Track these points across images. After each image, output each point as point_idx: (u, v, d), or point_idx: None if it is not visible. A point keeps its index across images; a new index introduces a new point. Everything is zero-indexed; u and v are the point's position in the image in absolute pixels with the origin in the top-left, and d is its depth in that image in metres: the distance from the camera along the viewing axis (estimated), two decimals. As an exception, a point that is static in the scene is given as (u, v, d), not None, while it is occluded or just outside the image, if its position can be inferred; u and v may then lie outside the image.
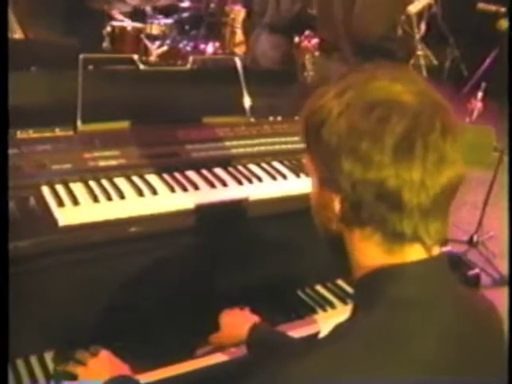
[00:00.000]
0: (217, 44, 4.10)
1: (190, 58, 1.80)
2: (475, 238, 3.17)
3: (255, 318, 1.39)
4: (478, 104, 3.06)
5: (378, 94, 0.77)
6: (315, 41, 3.75)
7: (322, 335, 1.49)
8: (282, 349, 1.26)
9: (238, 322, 1.38)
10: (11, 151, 1.40)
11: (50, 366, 1.31)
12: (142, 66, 1.71)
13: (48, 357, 1.34)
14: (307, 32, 3.65)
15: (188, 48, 3.97)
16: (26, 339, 1.29)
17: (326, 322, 1.59)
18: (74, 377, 1.22)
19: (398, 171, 0.74)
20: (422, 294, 0.79)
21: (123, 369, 1.21)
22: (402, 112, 0.75)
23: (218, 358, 1.40)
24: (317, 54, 3.81)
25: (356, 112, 0.76)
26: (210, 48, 4.03)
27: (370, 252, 0.81)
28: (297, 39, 3.71)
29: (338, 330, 0.80)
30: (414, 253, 0.80)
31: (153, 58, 3.38)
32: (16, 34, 2.98)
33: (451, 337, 0.79)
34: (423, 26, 2.84)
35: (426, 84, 0.81)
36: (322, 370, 0.73)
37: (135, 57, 1.71)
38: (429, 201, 0.76)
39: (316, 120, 0.80)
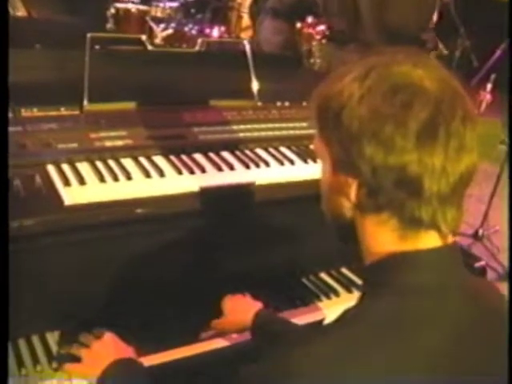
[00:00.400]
0: (222, 28, 4.07)
1: (199, 40, 1.80)
2: (480, 232, 3.17)
3: (258, 305, 1.40)
4: (486, 96, 3.05)
5: (400, 78, 0.78)
6: (320, 28, 3.72)
7: (326, 322, 1.51)
8: (287, 336, 1.26)
9: (241, 309, 1.39)
10: (15, 129, 1.40)
11: (52, 346, 1.32)
12: (150, 47, 1.71)
13: (50, 337, 1.35)
14: (310, 19, 3.63)
15: (193, 32, 3.94)
16: (28, 319, 1.30)
17: (330, 309, 1.60)
18: (77, 359, 1.22)
19: (421, 157, 0.75)
20: (436, 281, 0.80)
21: (128, 351, 1.21)
22: (424, 98, 0.76)
23: (220, 342, 1.41)
24: (324, 41, 3.78)
25: (378, 96, 0.76)
26: (215, 32, 4.00)
27: (383, 238, 0.81)
28: (299, 25, 3.69)
29: (347, 315, 0.80)
30: (429, 240, 0.81)
31: (158, 41, 3.36)
32: (19, 11, 2.96)
33: (462, 326, 0.79)
34: (435, 15, 2.83)
35: (446, 71, 0.82)
36: (330, 356, 0.73)
37: (143, 37, 1.70)
38: (448, 188, 0.76)
39: (335, 103, 0.80)
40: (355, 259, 1.73)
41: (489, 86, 3.09)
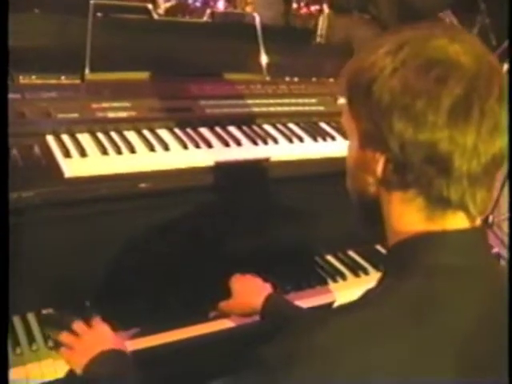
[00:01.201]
0: (226, 3, 4.03)
1: (207, 11, 1.77)
2: (490, 219, 3.15)
3: (268, 288, 1.39)
4: (502, 77, 3.00)
5: (436, 53, 0.76)
6: (315, 8, 3.69)
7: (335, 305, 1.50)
8: (300, 319, 1.25)
9: (250, 290, 1.38)
10: (13, 96, 1.37)
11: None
12: (156, 16, 1.68)
13: (31, 318, 1.33)
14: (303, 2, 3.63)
15: (197, 4, 3.90)
16: (24, 295, 1.28)
17: (337, 293, 1.59)
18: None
19: (452, 134, 0.74)
20: (463, 264, 0.79)
21: (118, 343, 1.20)
22: (460, 73, 0.74)
23: (227, 323, 1.40)
24: (325, 14, 3.74)
25: (412, 70, 0.75)
26: (220, 5, 3.95)
27: (409, 217, 0.81)
28: (295, 5, 3.68)
29: (369, 295, 0.79)
30: (457, 221, 0.80)
31: (161, 12, 3.31)
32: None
33: (486, 310, 0.79)
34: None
35: (483, 47, 0.80)
36: (349, 337, 0.72)
37: (150, 6, 1.67)
38: (479, 168, 0.75)
39: (366, 76, 0.79)
40: (363, 242, 1.75)
41: (505, 67, 3.03)
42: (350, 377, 0.70)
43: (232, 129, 1.57)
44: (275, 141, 1.57)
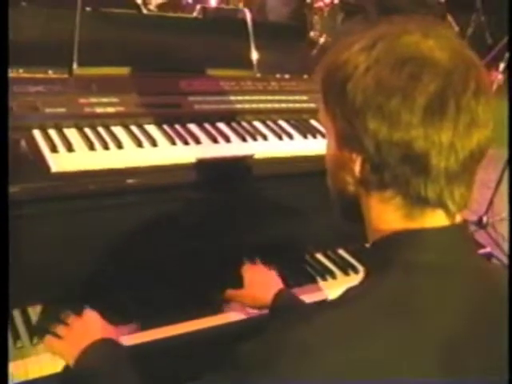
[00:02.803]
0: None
1: (197, 7, 1.79)
2: (485, 220, 3.19)
3: (280, 283, 1.41)
4: (498, 76, 3.04)
5: (409, 49, 0.77)
6: (328, 0, 3.71)
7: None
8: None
9: (261, 283, 1.40)
10: (-1, 89, 1.40)
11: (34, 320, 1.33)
12: (145, 11, 1.70)
13: (32, 311, 1.36)
14: None
15: (189, 1, 3.92)
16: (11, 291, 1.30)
17: (326, 291, 1.62)
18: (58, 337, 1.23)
19: (427, 132, 0.74)
20: (441, 261, 0.80)
21: (109, 331, 1.22)
22: (434, 70, 0.75)
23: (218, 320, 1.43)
24: (326, 15, 3.77)
25: (385, 67, 0.76)
26: (213, 1, 3.97)
27: (388, 216, 0.82)
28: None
29: (349, 293, 0.81)
30: (436, 219, 0.81)
31: (152, 7, 3.33)
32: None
33: (467, 307, 0.80)
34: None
35: (459, 41, 0.81)
36: (331, 333, 0.73)
37: (139, 0, 1.69)
38: (457, 165, 0.76)
39: (340, 75, 0.80)
40: (353, 240, 1.77)
41: (501, 66, 3.07)
42: (331, 373, 0.71)
43: (221, 125, 1.61)
44: (264, 138, 1.60)
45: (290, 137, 1.65)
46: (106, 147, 1.38)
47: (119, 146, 1.39)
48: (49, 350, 1.23)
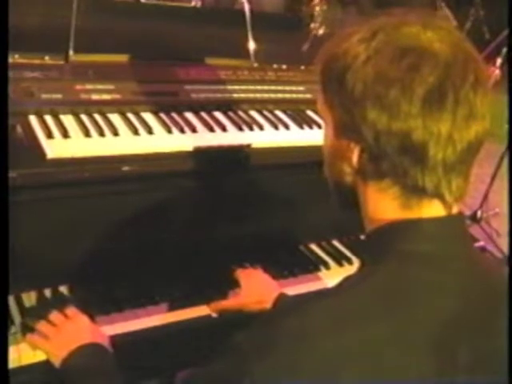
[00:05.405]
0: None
1: (196, -5, 1.80)
2: (479, 214, 3.20)
3: (277, 287, 1.42)
4: (495, 71, 3.05)
5: (409, 40, 0.78)
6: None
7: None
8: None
9: (262, 288, 1.41)
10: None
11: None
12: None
13: (25, 297, 1.36)
14: None
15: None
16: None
17: (320, 282, 1.64)
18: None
19: (426, 123, 0.75)
20: (437, 251, 0.81)
21: (98, 336, 1.22)
22: (433, 61, 0.76)
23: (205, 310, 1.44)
24: (325, 7, 3.77)
25: (385, 58, 0.77)
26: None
27: (384, 206, 0.83)
28: None
29: (346, 281, 0.82)
30: (433, 209, 0.82)
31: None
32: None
33: (462, 297, 0.81)
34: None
35: (458, 33, 0.82)
36: (324, 322, 0.75)
37: (136, -13, 1.70)
38: (454, 156, 0.77)
39: (339, 65, 0.81)
40: (347, 231, 1.79)
41: (499, 61, 3.08)
42: (328, 360, 0.72)
43: (217, 114, 1.62)
44: (261, 127, 1.61)
45: (287, 127, 1.66)
46: (101, 134, 1.38)
47: (115, 133, 1.40)
48: (30, 346, 1.22)
